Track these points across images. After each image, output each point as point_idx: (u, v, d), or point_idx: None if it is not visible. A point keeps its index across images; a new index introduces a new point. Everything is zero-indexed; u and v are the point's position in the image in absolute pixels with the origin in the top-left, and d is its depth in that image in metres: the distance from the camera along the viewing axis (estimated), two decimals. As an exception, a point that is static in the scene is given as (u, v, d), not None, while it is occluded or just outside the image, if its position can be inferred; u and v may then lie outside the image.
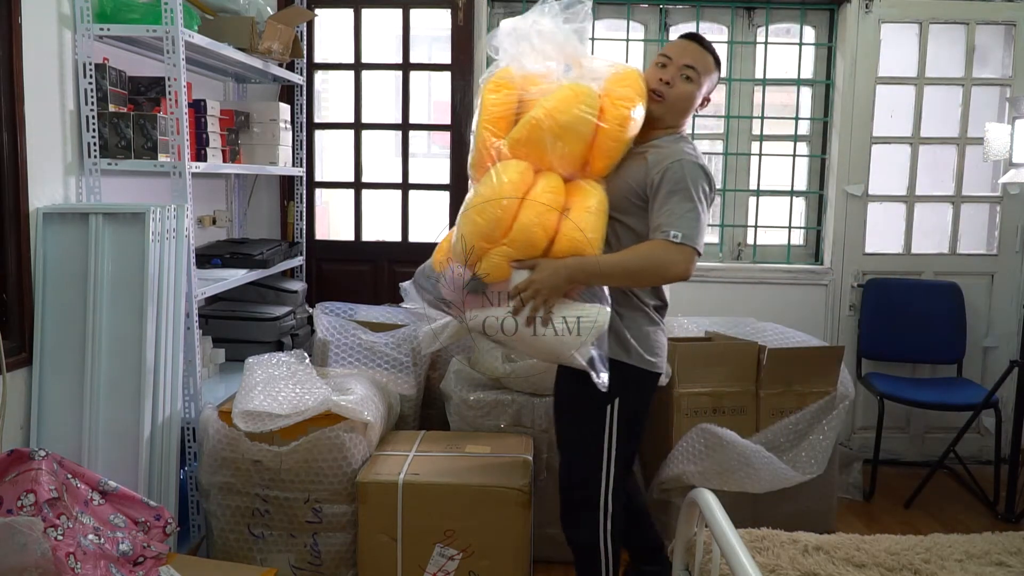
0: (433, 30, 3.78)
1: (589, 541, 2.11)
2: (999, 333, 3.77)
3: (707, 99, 2.10)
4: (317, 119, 3.78)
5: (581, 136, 1.94)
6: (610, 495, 2.09)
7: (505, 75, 2.02)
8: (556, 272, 1.89)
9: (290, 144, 3.42)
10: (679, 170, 1.93)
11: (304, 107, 3.60)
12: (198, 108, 2.68)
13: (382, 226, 3.81)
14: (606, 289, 1.98)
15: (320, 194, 3.87)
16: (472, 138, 2.05)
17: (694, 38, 2.09)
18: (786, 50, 3.75)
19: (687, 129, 2.11)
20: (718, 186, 3.78)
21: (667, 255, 1.89)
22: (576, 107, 1.92)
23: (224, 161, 2.88)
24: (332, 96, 3.97)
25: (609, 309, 1.94)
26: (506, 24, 2.05)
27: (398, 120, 3.74)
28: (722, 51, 3.69)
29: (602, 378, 1.91)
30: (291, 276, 3.55)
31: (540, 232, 1.90)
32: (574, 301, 1.93)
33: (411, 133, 3.75)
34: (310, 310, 3.29)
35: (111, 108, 2.38)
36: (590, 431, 2.07)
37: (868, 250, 3.76)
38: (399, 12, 3.65)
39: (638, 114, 1.97)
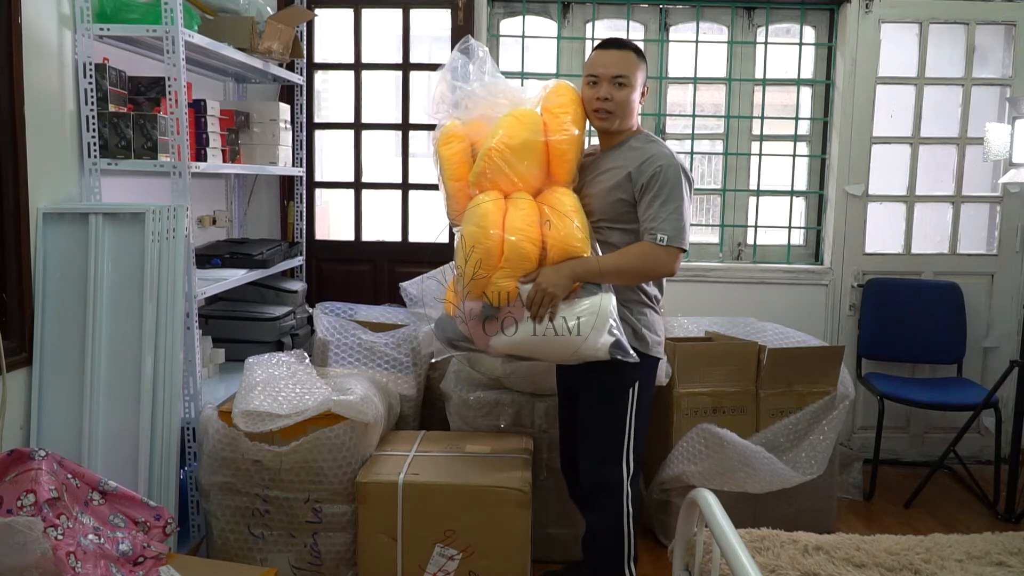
0: (433, 30, 3.78)
1: (613, 524, 2.22)
2: (999, 333, 3.77)
3: (645, 89, 2.26)
4: (317, 119, 3.78)
5: (534, 152, 2.15)
6: (629, 479, 2.22)
7: (453, 128, 2.27)
8: (558, 272, 2.08)
9: (290, 144, 3.41)
10: (663, 175, 2.12)
11: (304, 107, 3.60)
12: (198, 108, 2.68)
13: (382, 226, 3.81)
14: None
15: (320, 194, 3.87)
16: (442, 190, 2.32)
17: (610, 44, 2.24)
18: (786, 50, 3.75)
19: (638, 121, 2.28)
20: (718, 186, 3.79)
21: (655, 256, 2.12)
22: (522, 129, 2.14)
23: (224, 161, 2.88)
24: (332, 96, 3.97)
25: (612, 295, 2.11)
26: (436, 95, 2.33)
27: (398, 120, 3.74)
28: (722, 51, 3.71)
29: (632, 356, 2.10)
30: (291, 276, 3.55)
31: (529, 246, 2.09)
32: (577, 299, 2.10)
33: (411, 133, 3.75)
34: (310, 310, 3.29)
35: (111, 108, 2.38)
36: (614, 418, 2.22)
37: (868, 250, 3.76)
38: (399, 12, 3.65)
39: (576, 117, 2.19)
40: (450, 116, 2.30)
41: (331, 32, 3.73)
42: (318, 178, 3.82)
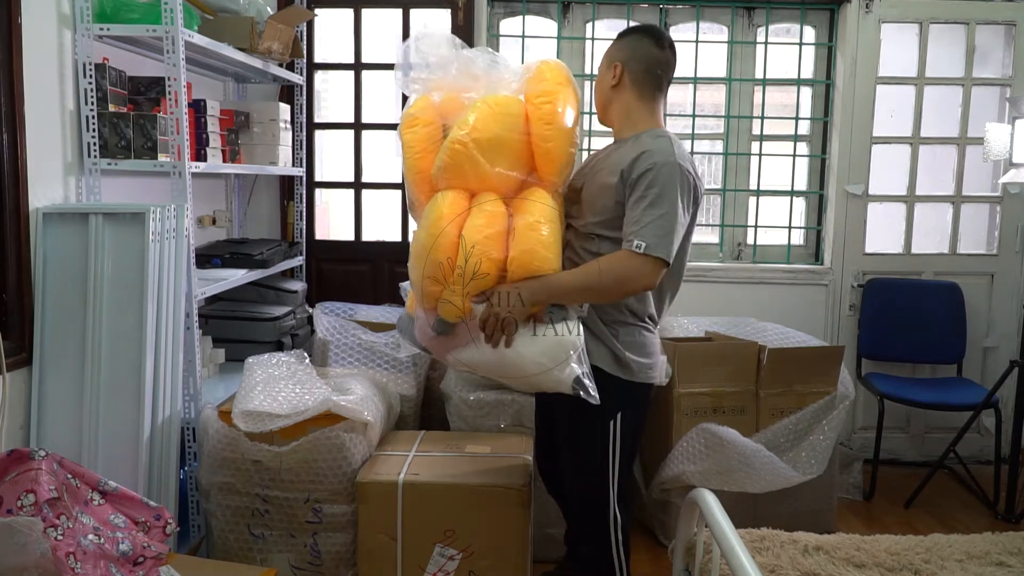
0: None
1: (602, 554, 2.07)
2: (999, 333, 3.77)
3: (615, 68, 1.97)
4: (317, 119, 3.78)
5: (509, 149, 1.85)
6: (618, 505, 2.06)
7: (419, 107, 1.95)
8: (512, 295, 1.82)
9: (290, 144, 3.41)
10: (654, 174, 1.82)
11: (304, 107, 3.60)
12: (198, 108, 2.68)
13: (382, 226, 3.81)
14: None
15: (320, 194, 3.87)
16: (404, 182, 2.00)
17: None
18: (786, 50, 3.75)
19: (658, 119, 2.02)
20: (718, 186, 3.79)
21: (629, 267, 1.81)
22: (495, 122, 1.83)
23: (224, 161, 2.88)
24: (332, 96, 3.97)
25: (577, 322, 1.86)
26: (400, 62, 1.99)
27: (398, 120, 3.73)
28: (722, 51, 3.71)
29: (593, 396, 1.85)
30: (291, 276, 3.55)
31: (485, 261, 1.81)
32: (539, 323, 1.86)
33: (411, 133, 3.75)
34: (310, 310, 3.29)
35: (111, 108, 2.38)
36: (595, 451, 2.02)
37: (868, 250, 3.76)
38: (399, 12, 3.65)
39: (563, 104, 1.87)
40: (423, 89, 1.97)
41: (331, 32, 3.73)
42: (318, 178, 3.82)
